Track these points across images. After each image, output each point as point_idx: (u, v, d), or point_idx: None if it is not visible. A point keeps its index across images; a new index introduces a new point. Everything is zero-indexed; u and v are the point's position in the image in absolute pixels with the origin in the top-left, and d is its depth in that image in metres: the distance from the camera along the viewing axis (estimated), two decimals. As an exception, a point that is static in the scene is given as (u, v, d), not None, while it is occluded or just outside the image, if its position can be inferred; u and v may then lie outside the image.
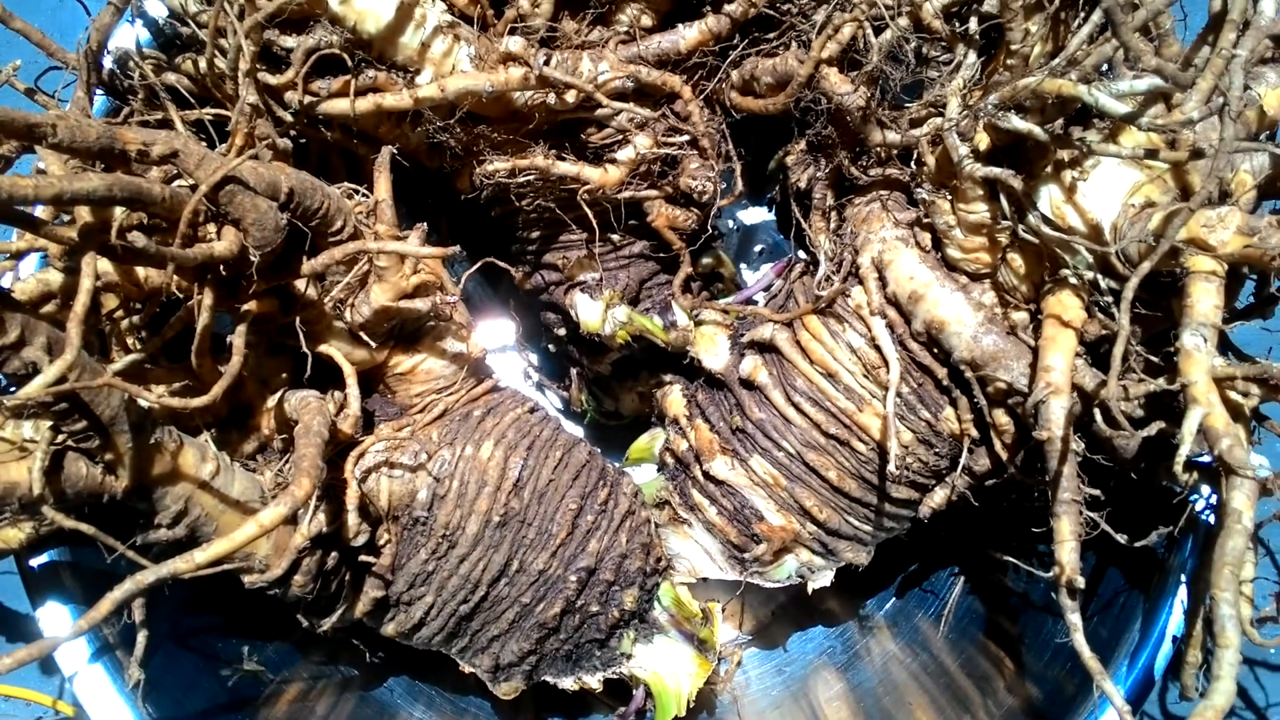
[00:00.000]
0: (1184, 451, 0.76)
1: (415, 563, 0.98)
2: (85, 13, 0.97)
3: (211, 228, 0.87)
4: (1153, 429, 0.84)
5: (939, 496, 1.02)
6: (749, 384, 1.04)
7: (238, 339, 0.85)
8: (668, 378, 1.15)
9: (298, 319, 0.92)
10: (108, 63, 1.02)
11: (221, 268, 0.86)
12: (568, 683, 1.07)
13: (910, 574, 1.23)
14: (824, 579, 1.10)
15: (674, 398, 1.12)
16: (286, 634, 1.08)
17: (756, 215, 1.37)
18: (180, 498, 0.85)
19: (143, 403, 0.81)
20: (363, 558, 0.96)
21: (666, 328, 1.09)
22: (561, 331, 1.17)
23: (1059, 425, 0.85)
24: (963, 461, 0.98)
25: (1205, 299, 0.81)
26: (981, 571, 1.16)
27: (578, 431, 1.17)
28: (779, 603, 1.25)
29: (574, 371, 1.23)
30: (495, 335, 1.32)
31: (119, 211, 0.82)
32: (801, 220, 1.06)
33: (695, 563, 1.10)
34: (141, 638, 0.97)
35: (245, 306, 0.88)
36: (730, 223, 1.38)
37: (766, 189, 1.26)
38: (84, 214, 0.76)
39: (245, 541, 0.79)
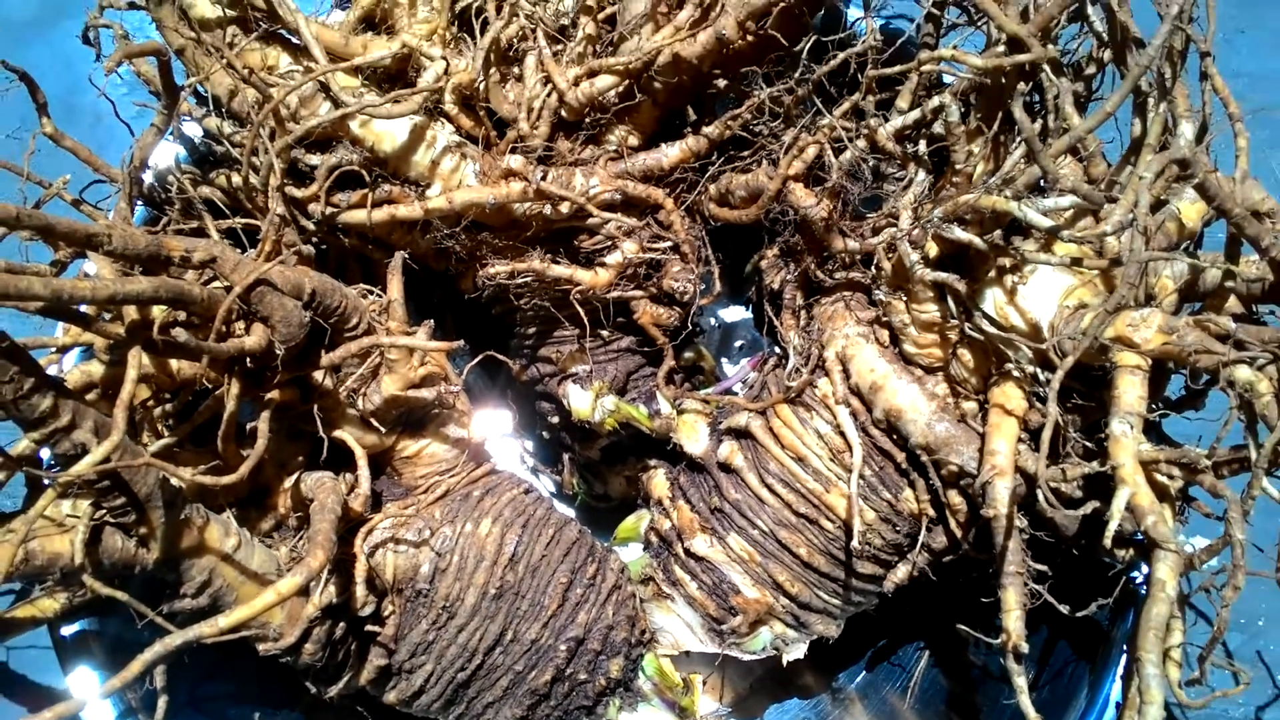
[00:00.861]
0: (1112, 527, 0.85)
1: (417, 633, 1.06)
2: (129, 132, 1.08)
3: (240, 324, 0.97)
4: (1088, 507, 0.93)
5: (901, 572, 1.10)
6: (726, 467, 1.13)
7: (262, 424, 0.94)
8: (653, 462, 1.24)
9: (315, 406, 1.01)
10: (147, 177, 1.14)
11: (248, 360, 0.96)
12: (556, 749, 1.14)
13: (880, 648, 1.30)
14: (798, 651, 1.17)
15: (658, 480, 1.21)
16: (295, 702, 1.16)
17: (735, 313, 1.47)
18: (205, 569, 0.93)
19: (175, 482, 0.90)
20: (368, 628, 1.04)
21: (651, 416, 1.19)
22: (555, 419, 1.26)
23: (1004, 504, 0.94)
24: (921, 539, 1.06)
25: (1131, 390, 0.91)
26: (945, 645, 1.24)
27: (569, 513, 1.25)
28: (756, 676, 1.32)
29: (566, 457, 1.32)
30: (494, 423, 1.41)
31: (159, 310, 0.92)
32: (774, 318, 1.16)
33: (677, 635, 1.18)
34: (162, 703, 1.04)
35: (269, 395, 0.98)
36: (711, 320, 1.49)
37: (744, 290, 1.36)
38: (130, 312, 0.86)
39: (264, 608, 0.87)
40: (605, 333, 1.19)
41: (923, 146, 1.04)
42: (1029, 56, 0.89)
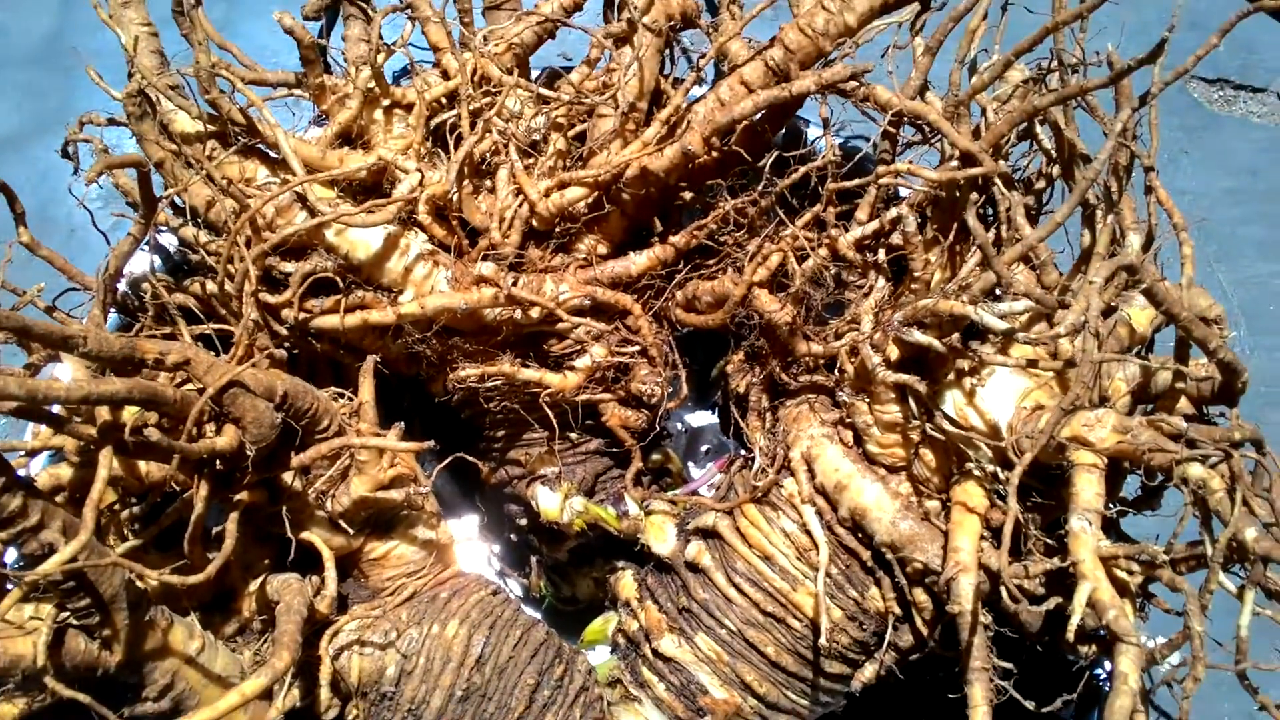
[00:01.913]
0: (1075, 621, 0.86)
1: (382, 739, 1.05)
2: (105, 242, 1.10)
3: (211, 426, 0.98)
4: (1051, 603, 0.95)
5: (869, 671, 1.10)
6: (694, 567, 1.14)
7: (230, 524, 0.94)
8: (620, 564, 1.24)
9: (284, 508, 1.02)
10: (121, 286, 1.15)
11: (218, 462, 0.97)
12: None
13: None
14: (765, 755, 1.16)
15: (626, 581, 1.21)
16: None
17: (702, 418, 1.49)
18: (168, 672, 0.92)
19: (140, 584, 0.90)
20: (332, 732, 1.02)
21: (619, 517, 1.20)
22: (523, 521, 1.26)
23: (968, 599, 0.95)
24: (888, 638, 1.07)
25: (1088, 488, 0.93)
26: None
27: (536, 616, 1.25)
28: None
29: (534, 560, 1.32)
30: (462, 528, 1.41)
31: (130, 412, 0.93)
32: (740, 420, 1.18)
33: (646, 740, 1.16)
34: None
35: (237, 496, 0.98)
36: (678, 424, 1.51)
37: (710, 394, 1.39)
38: (103, 413, 0.86)
39: (227, 710, 0.86)
40: (574, 435, 1.21)
41: (882, 255, 1.08)
42: (980, 170, 0.94)
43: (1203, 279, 1.66)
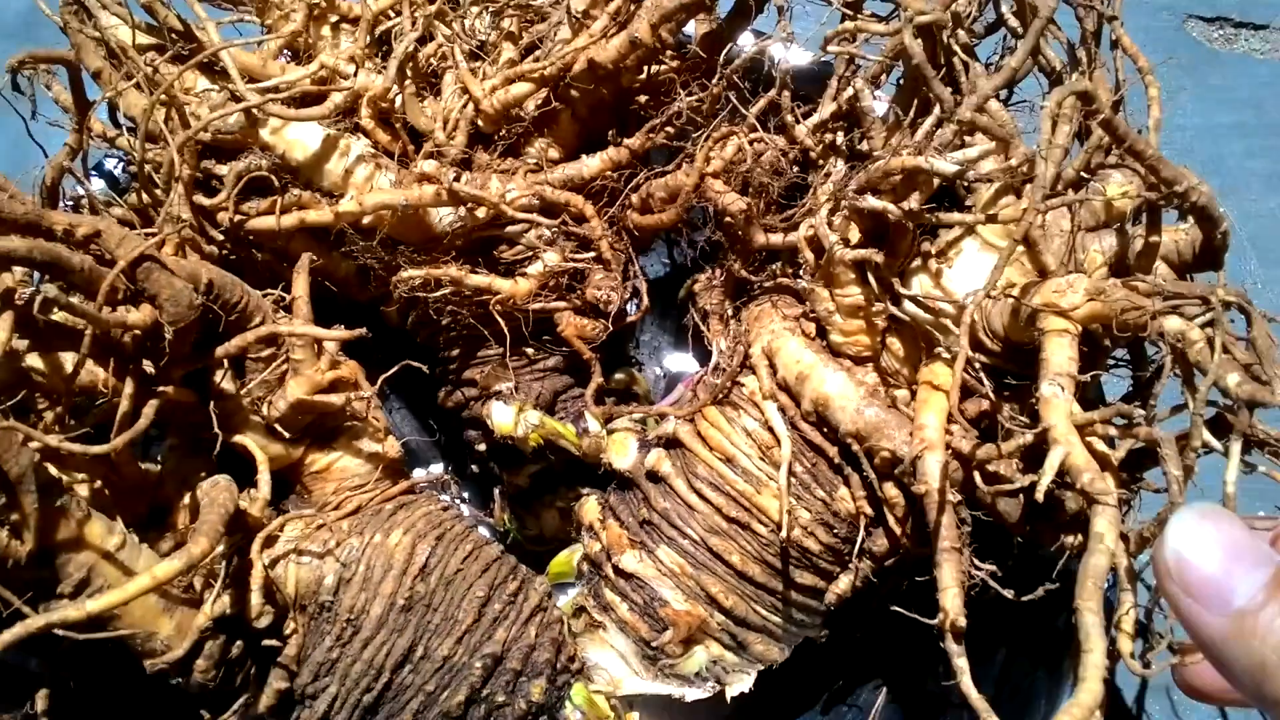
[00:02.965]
0: (1044, 483, 0.79)
1: (320, 651, 0.98)
2: (43, 154, 1.08)
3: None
4: (1026, 480, 0.87)
5: (843, 583, 1.03)
6: (654, 476, 1.08)
7: (148, 409, 0.89)
8: (585, 491, 1.18)
9: (214, 409, 0.97)
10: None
11: (144, 361, 0.93)
12: (477, 792, 1.04)
13: (835, 690, 1.21)
14: (741, 683, 1.09)
15: (589, 505, 1.15)
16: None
17: (682, 362, 1.44)
18: (83, 566, 0.87)
19: (53, 472, 0.85)
20: (267, 642, 0.96)
21: (580, 434, 1.14)
22: (482, 447, 1.21)
23: (935, 478, 0.88)
24: (861, 542, 1.00)
25: (1059, 353, 0.86)
26: (902, 680, 1.15)
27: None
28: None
29: (497, 491, 1.26)
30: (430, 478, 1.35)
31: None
32: (703, 328, 1.12)
33: (612, 671, 1.10)
34: (42, 722, 0.97)
35: (162, 389, 0.93)
36: (657, 369, 1.45)
37: (682, 317, 1.33)
38: (5, 280, 0.82)
39: (138, 592, 0.81)
40: (531, 351, 1.16)
41: (840, 137, 1.03)
42: (930, 17, 0.89)
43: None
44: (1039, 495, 0.79)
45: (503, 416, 1.13)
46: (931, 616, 0.85)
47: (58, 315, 0.90)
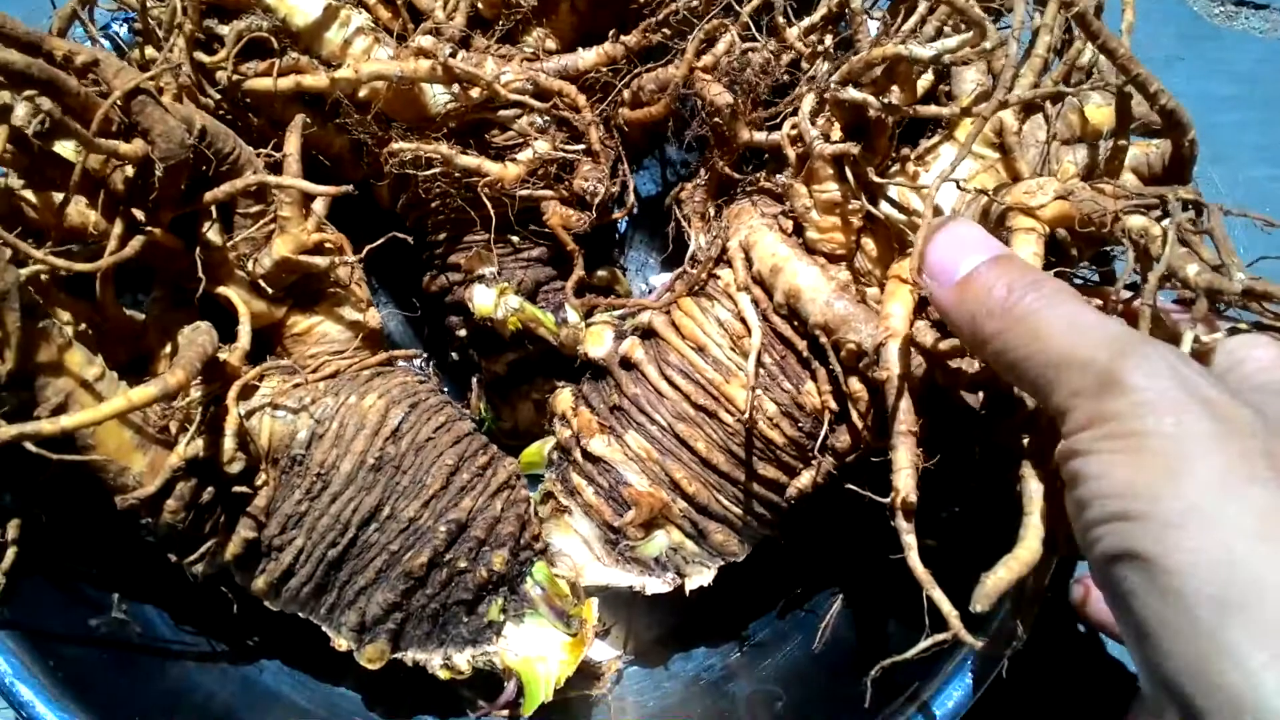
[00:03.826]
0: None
1: (289, 504, 1.01)
2: (50, 4, 1.09)
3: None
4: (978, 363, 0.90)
5: (805, 478, 1.05)
6: (627, 363, 1.10)
7: (135, 242, 0.91)
8: (560, 383, 1.20)
9: (199, 257, 0.99)
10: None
11: (132, 203, 0.95)
12: (436, 661, 1.06)
13: (792, 597, 1.24)
14: (701, 576, 1.11)
15: (563, 395, 1.17)
16: (162, 599, 1.11)
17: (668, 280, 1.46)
18: (61, 391, 0.89)
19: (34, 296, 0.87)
20: (237, 489, 0.98)
21: (559, 324, 1.16)
22: (462, 333, 1.23)
23: (895, 364, 0.90)
24: (824, 438, 1.02)
25: (1025, 248, 0.88)
26: (859, 589, 1.18)
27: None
28: (663, 625, 1.25)
29: (474, 379, 1.29)
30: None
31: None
32: (684, 225, 1.14)
33: (575, 556, 1.12)
34: (11, 553, 0.99)
35: (150, 228, 0.95)
36: (644, 284, 1.47)
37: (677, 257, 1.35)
38: (4, 96, 0.84)
39: (112, 413, 0.84)
40: (516, 239, 1.18)
41: (829, 40, 1.05)
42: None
43: (1199, 182, 1.63)
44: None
45: (484, 299, 1.15)
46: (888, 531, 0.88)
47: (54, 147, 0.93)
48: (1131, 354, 0.66)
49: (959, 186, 0.92)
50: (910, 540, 0.85)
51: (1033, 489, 0.79)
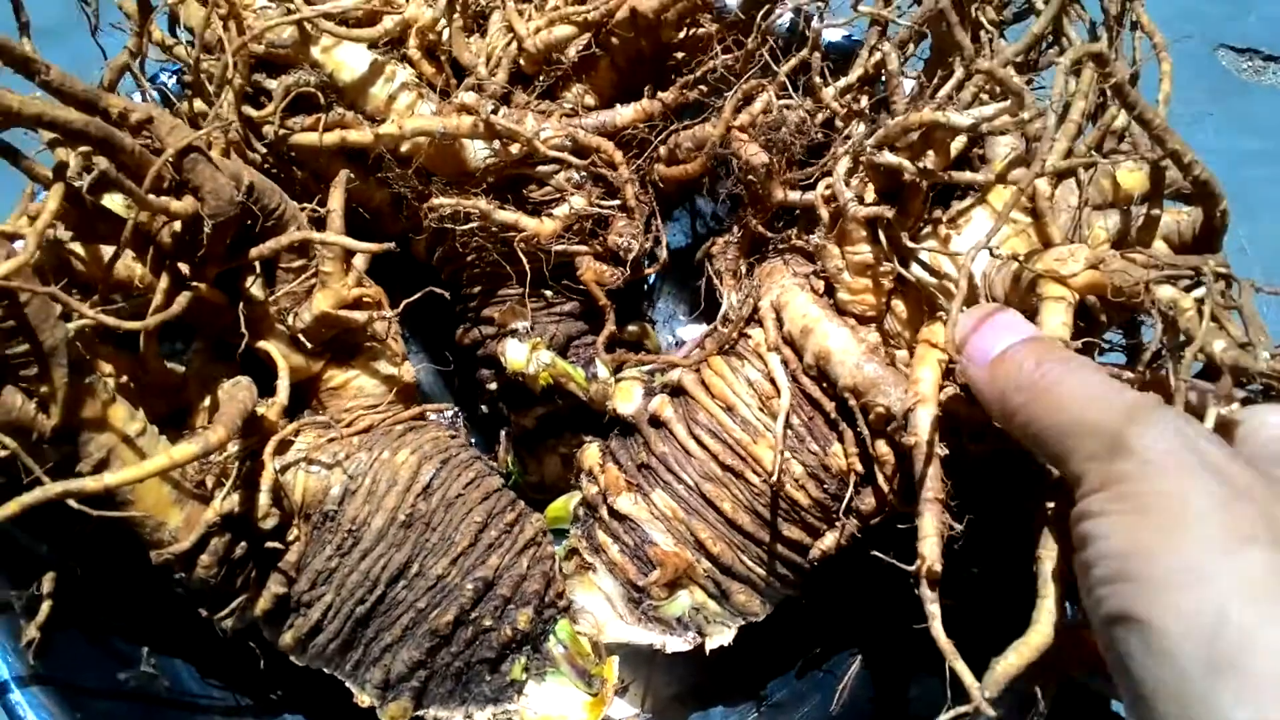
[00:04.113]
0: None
1: (319, 560, 1.02)
2: (103, 56, 1.12)
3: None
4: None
5: (829, 540, 1.06)
6: (656, 421, 1.11)
7: (182, 298, 0.93)
8: (588, 438, 1.21)
9: (242, 312, 1.01)
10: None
11: (180, 258, 0.97)
12: (457, 717, 1.07)
13: (811, 657, 1.24)
14: (721, 635, 1.12)
15: (591, 451, 1.18)
16: (190, 653, 1.12)
17: (696, 333, 1.47)
18: (104, 447, 0.90)
19: (83, 352, 0.89)
20: (269, 544, 1.00)
21: (588, 379, 1.17)
22: (493, 386, 1.24)
23: (925, 430, 0.91)
24: (849, 500, 1.03)
25: (1054, 317, 0.89)
26: (879, 650, 1.18)
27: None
28: (682, 683, 1.25)
29: (503, 432, 1.30)
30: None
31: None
32: (715, 283, 1.16)
33: (598, 614, 1.12)
34: (46, 606, 1.00)
35: (195, 284, 0.97)
36: (670, 337, 1.49)
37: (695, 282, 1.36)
38: (60, 155, 0.87)
39: (154, 470, 0.85)
40: (549, 293, 1.19)
41: (864, 101, 1.07)
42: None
43: (1225, 241, 1.64)
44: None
45: (516, 353, 1.16)
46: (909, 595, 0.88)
47: (105, 201, 0.95)
48: (1141, 419, 0.68)
49: (991, 253, 0.92)
50: (934, 609, 0.85)
51: (1048, 570, 0.79)
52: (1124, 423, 0.68)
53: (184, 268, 0.98)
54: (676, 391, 1.12)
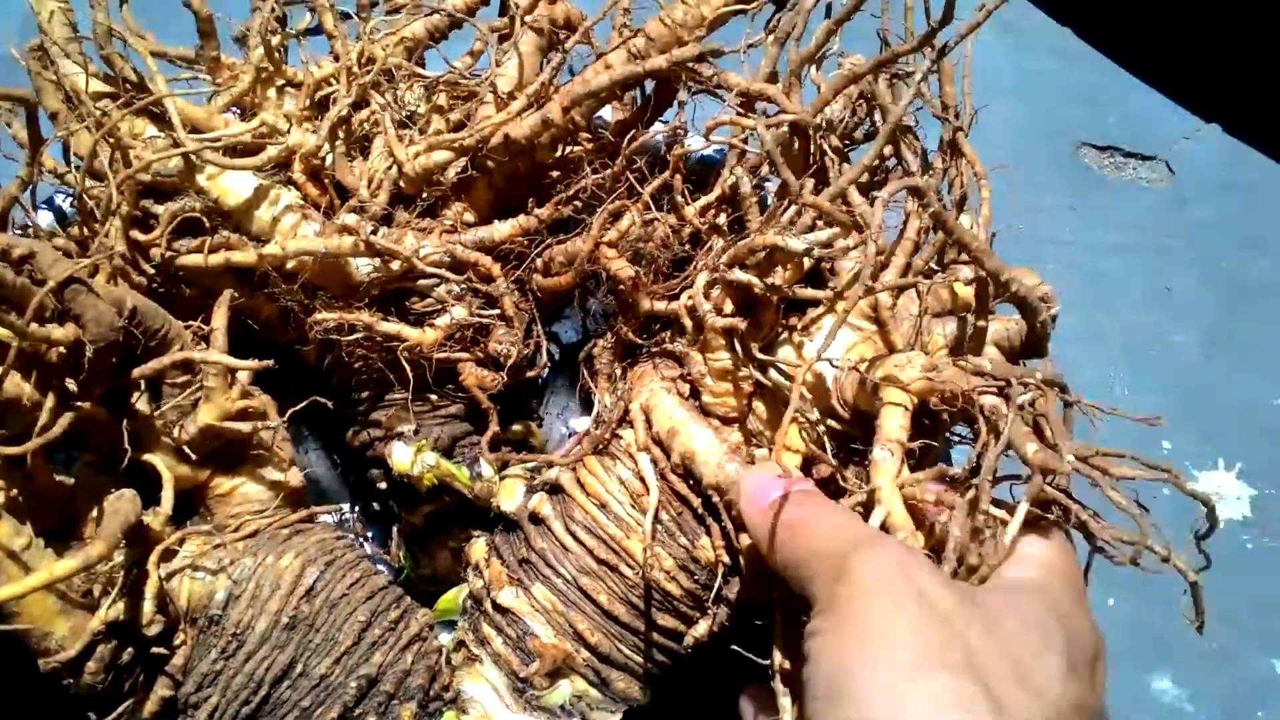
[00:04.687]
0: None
1: (205, 663, 1.05)
2: (-5, 182, 1.17)
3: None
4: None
5: (701, 628, 1.11)
6: (535, 518, 1.16)
7: (63, 421, 0.97)
8: (476, 532, 1.26)
9: (127, 427, 1.04)
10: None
11: (65, 377, 1.01)
12: (343, 814, 1.10)
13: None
14: (608, 720, 1.16)
15: (477, 546, 1.22)
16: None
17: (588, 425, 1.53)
18: (-13, 563, 0.94)
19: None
20: (155, 650, 1.03)
21: (473, 478, 1.22)
22: (383, 485, 1.29)
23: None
24: (718, 589, 1.09)
25: (892, 421, 0.96)
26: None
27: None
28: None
29: (395, 529, 1.34)
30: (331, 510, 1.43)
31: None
32: (591, 385, 1.22)
33: (485, 704, 1.16)
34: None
35: (79, 403, 1.01)
36: (564, 429, 1.54)
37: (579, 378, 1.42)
38: (-58, 292, 0.91)
39: (36, 585, 0.88)
40: (434, 398, 1.25)
41: (723, 219, 1.15)
42: (790, 117, 1.01)
43: (1085, 324, 1.75)
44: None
45: (401, 456, 1.21)
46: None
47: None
48: (864, 548, 0.76)
49: (832, 364, 1.00)
50: (786, 704, 0.91)
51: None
52: (850, 550, 0.76)
53: (71, 385, 1.02)
54: (555, 489, 1.17)
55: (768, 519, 0.87)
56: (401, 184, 1.20)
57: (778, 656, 0.93)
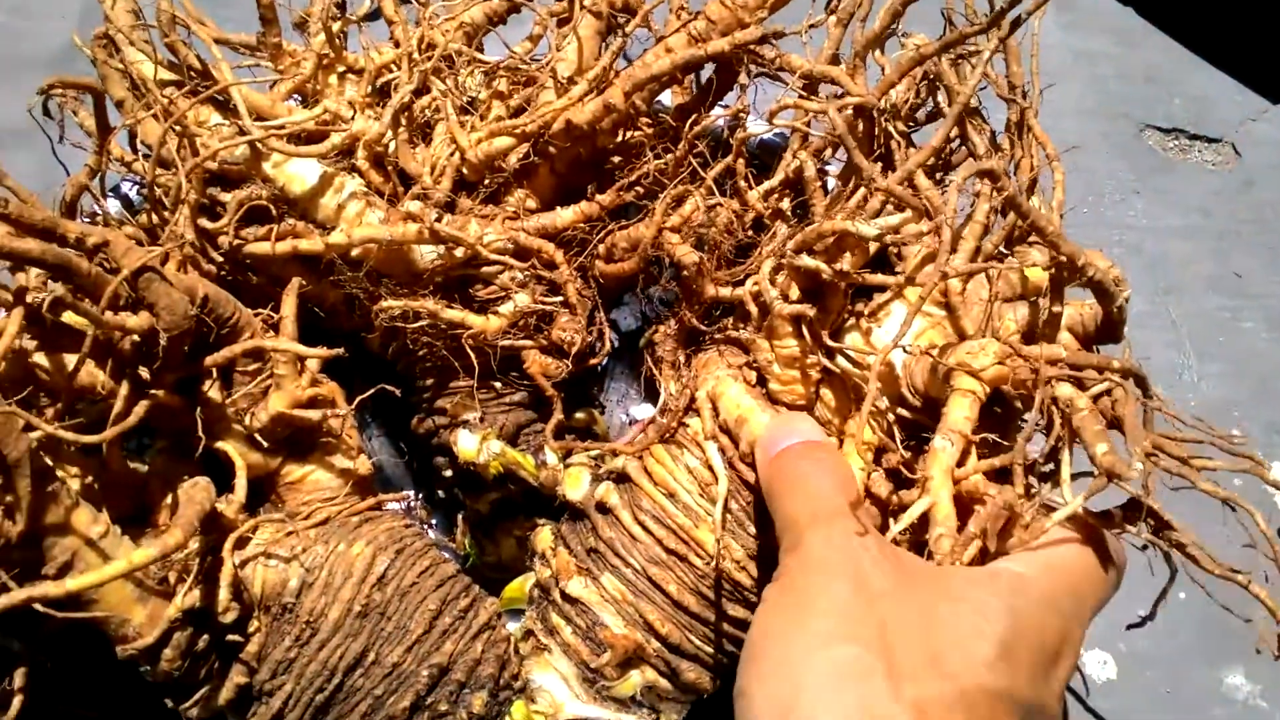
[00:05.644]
0: (896, 528, 0.88)
1: (279, 650, 1.06)
2: (65, 171, 1.18)
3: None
4: (903, 522, 0.94)
5: (771, 617, 1.10)
6: (603, 507, 1.15)
7: (139, 408, 0.98)
8: (541, 521, 1.26)
9: (200, 415, 1.05)
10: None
11: (139, 365, 1.02)
12: (415, 801, 1.10)
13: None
14: (675, 713, 1.15)
15: (543, 534, 1.22)
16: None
17: (648, 411, 1.52)
18: (68, 550, 0.94)
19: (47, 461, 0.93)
20: (230, 637, 1.03)
21: (538, 466, 1.22)
22: (448, 473, 1.29)
23: (846, 516, 0.96)
24: (789, 578, 1.08)
25: (958, 410, 0.94)
26: None
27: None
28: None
29: (460, 516, 1.34)
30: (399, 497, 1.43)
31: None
32: (655, 373, 1.21)
33: (554, 693, 1.16)
34: (17, 702, 1.03)
35: (153, 392, 1.02)
36: (624, 417, 1.54)
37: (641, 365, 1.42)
38: (20, 279, 0.92)
39: (114, 574, 0.89)
40: (499, 385, 1.25)
41: (786, 203, 1.13)
42: (856, 100, 1.00)
43: (1152, 311, 1.71)
44: (891, 536, 0.87)
45: (467, 443, 1.21)
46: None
47: (65, 317, 0.99)
48: (821, 522, 0.80)
49: (905, 350, 0.98)
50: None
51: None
52: (809, 522, 0.80)
53: (144, 373, 1.03)
54: (621, 478, 1.16)
55: (769, 470, 0.91)
56: (464, 170, 1.20)
57: None
